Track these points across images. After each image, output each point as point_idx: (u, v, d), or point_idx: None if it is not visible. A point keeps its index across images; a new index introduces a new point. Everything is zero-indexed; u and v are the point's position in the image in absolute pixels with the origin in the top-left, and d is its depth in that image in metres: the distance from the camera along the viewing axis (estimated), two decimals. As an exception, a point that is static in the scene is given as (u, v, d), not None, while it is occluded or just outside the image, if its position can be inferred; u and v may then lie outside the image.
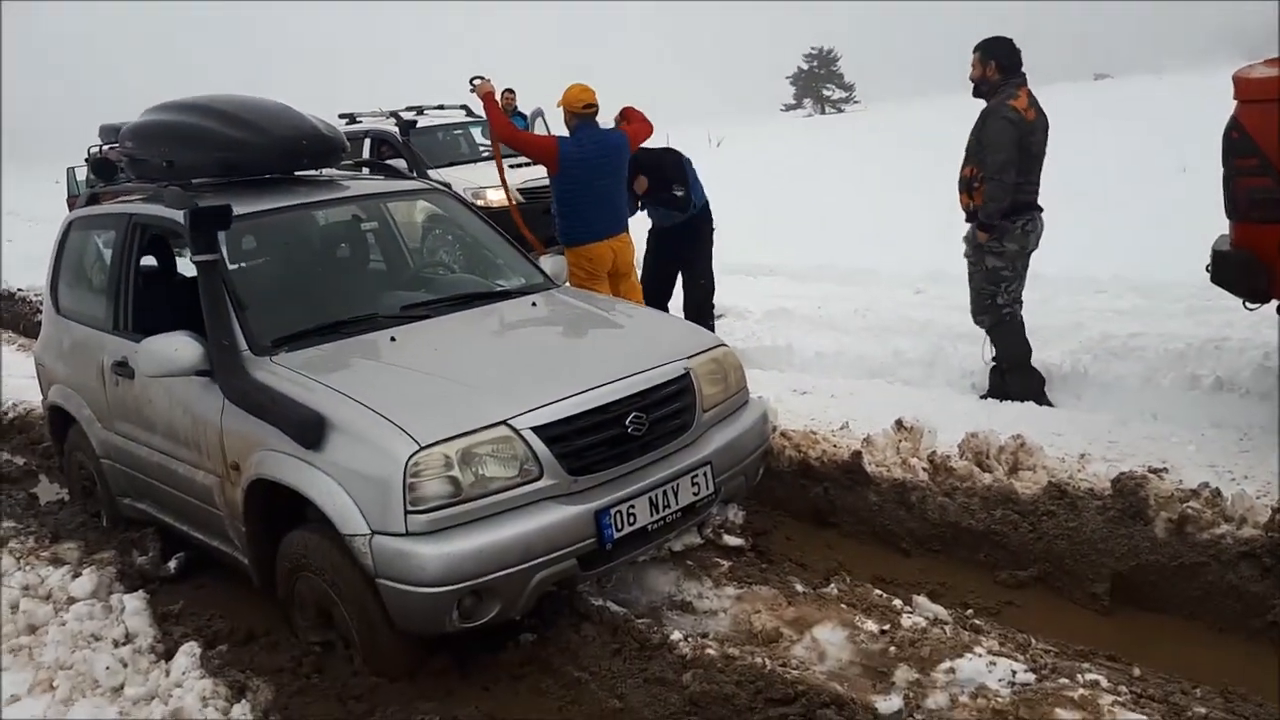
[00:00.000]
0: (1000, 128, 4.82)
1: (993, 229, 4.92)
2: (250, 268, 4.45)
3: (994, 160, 4.82)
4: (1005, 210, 4.88)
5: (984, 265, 5.04)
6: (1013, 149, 4.80)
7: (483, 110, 5.86)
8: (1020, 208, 4.94)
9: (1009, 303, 5.07)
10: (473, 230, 4.82)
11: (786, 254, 9.83)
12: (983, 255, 5.03)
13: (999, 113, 4.85)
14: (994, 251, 4.99)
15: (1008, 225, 4.92)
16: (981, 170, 4.90)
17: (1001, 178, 4.81)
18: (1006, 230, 4.93)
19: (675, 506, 3.31)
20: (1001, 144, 4.80)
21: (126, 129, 4.49)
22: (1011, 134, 4.80)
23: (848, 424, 4.67)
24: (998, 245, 4.97)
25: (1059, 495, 3.65)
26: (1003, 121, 4.82)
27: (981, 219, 4.94)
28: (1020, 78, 4.95)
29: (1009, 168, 4.80)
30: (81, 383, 4.50)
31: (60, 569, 3.86)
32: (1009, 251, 4.98)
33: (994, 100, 4.93)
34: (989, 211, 4.88)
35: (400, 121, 10.47)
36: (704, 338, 3.94)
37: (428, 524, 2.88)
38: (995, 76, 4.95)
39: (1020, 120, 4.82)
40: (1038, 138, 4.92)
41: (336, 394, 3.18)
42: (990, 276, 5.04)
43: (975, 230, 5.02)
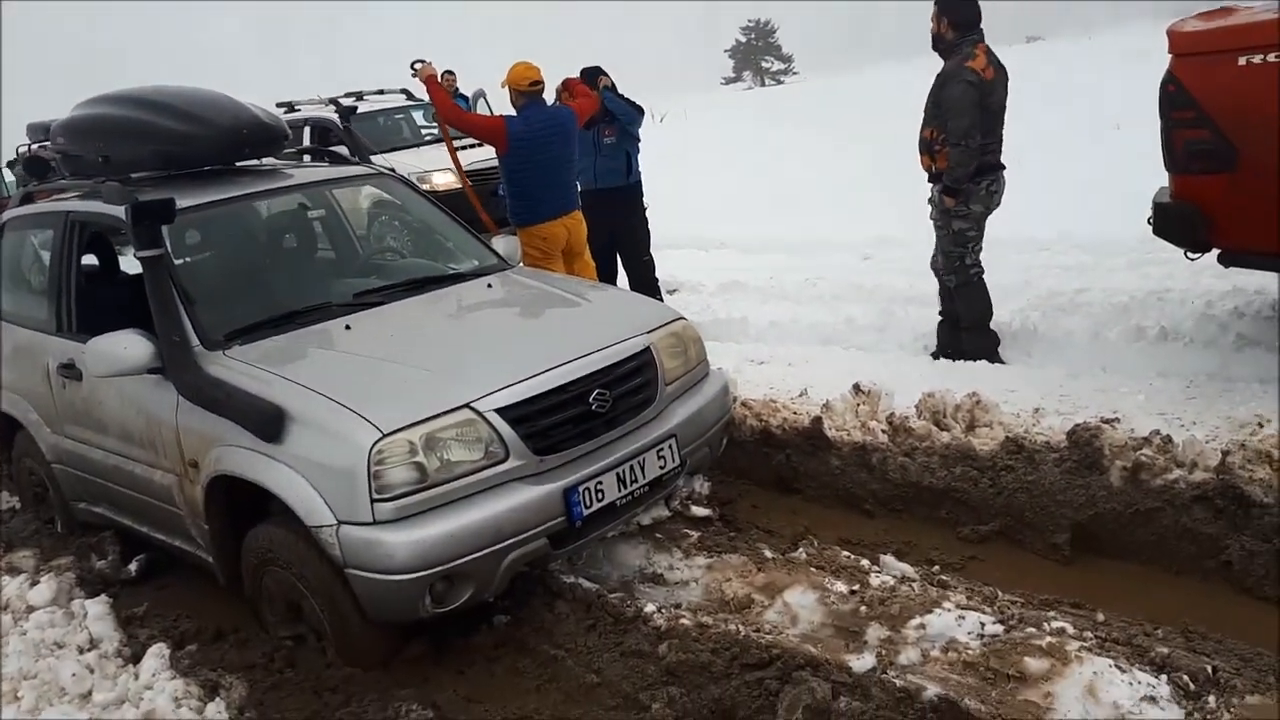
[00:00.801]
0: (960, 91, 4.79)
1: (959, 193, 4.93)
2: (196, 261, 4.35)
3: (956, 125, 4.80)
4: (971, 172, 4.90)
5: (950, 228, 5.07)
6: (974, 111, 4.78)
7: (425, 94, 5.77)
8: (984, 169, 4.95)
9: (976, 262, 5.13)
10: (421, 214, 4.77)
11: (736, 227, 9.87)
12: (949, 219, 5.05)
13: (958, 75, 4.82)
14: (960, 215, 5.01)
15: (972, 188, 4.94)
16: (943, 133, 4.90)
17: (966, 143, 4.80)
18: (972, 193, 4.95)
19: (642, 481, 3.32)
20: (963, 108, 4.77)
21: (57, 125, 4.35)
22: (972, 96, 4.78)
23: (806, 391, 4.71)
24: (963, 209, 4.99)
25: (1016, 450, 3.72)
26: (963, 85, 4.79)
27: (948, 183, 4.94)
28: (978, 34, 4.91)
29: (973, 132, 4.79)
30: (26, 387, 4.38)
31: (17, 578, 3.78)
32: (974, 213, 5.02)
33: (951, 61, 4.90)
34: (956, 177, 4.88)
35: (340, 108, 10.32)
36: (663, 311, 3.95)
37: (394, 511, 2.86)
38: (950, 34, 4.92)
39: (980, 81, 4.80)
40: (998, 96, 4.91)
41: (294, 385, 3.14)
42: (957, 239, 5.08)
43: (941, 195, 5.03)
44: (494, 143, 5.54)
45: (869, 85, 26.65)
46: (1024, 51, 24.03)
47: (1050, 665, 2.64)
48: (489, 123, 5.69)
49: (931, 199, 5.17)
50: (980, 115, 4.82)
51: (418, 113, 11.42)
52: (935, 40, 5.03)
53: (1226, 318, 4.84)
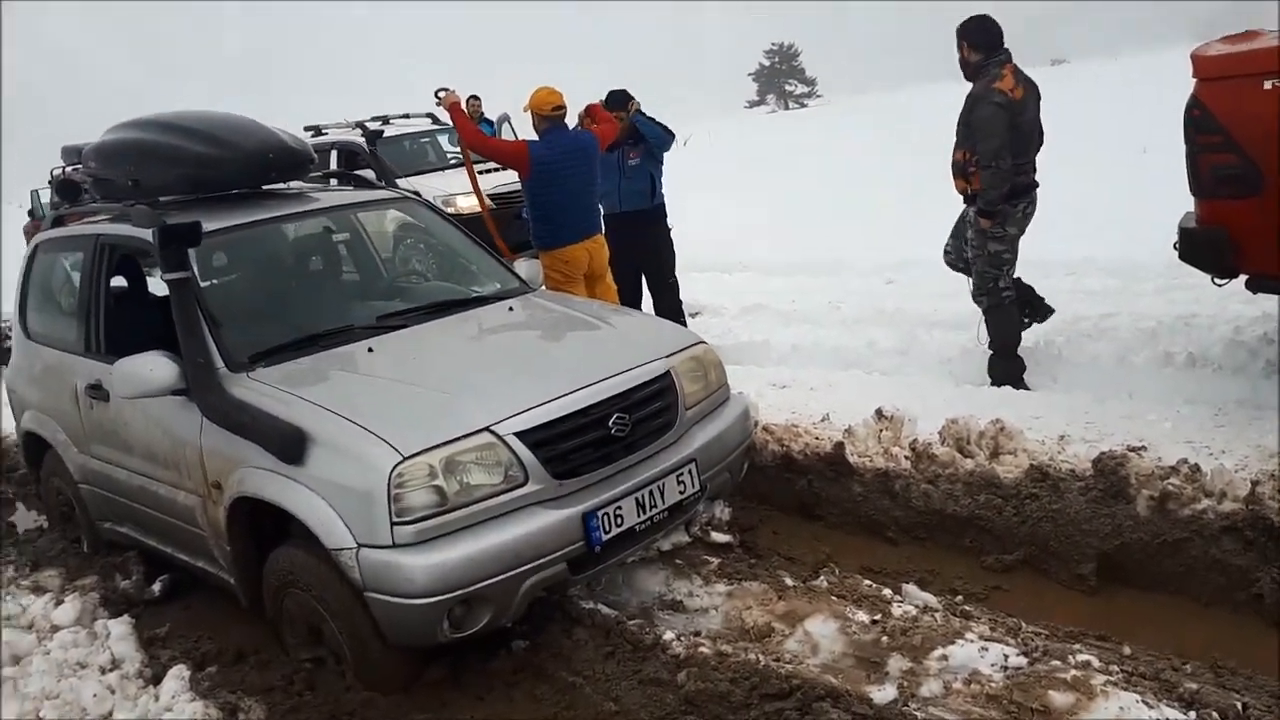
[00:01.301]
0: (990, 113, 4.81)
1: (994, 214, 4.95)
2: (223, 284, 4.40)
3: (987, 147, 4.82)
4: (1005, 194, 4.91)
5: (986, 250, 5.07)
6: (1005, 133, 4.80)
7: (449, 119, 5.83)
8: (1019, 190, 4.97)
9: (1009, 285, 5.13)
10: (445, 237, 4.80)
11: (758, 249, 9.87)
12: (985, 240, 5.06)
13: (986, 98, 4.84)
14: (995, 236, 5.03)
15: (1008, 209, 4.96)
16: (975, 155, 4.91)
17: (997, 164, 4.81)
18: (1008, 215, 4.97)
19: (662, 506, 3.30)
20: (994, 129, 4.79)
21: (89, 149, 4.43)
22: (1002, 117, 4.80)
23: (828, 416, 4.69)
24: (999, 230, 5.01)
25: (1041, 478, 3.68)
26: (991, 106, 4.81)
27: (982, 206, 4.96)
28: (1003, 54, 4.93)
29: (1004, 153, 4.80)
30: (55, 407, 4.43)
31: (42, 597, 3.81)
32: (1009, 235, 5.04)
33: (979, 83, 4.93)
34: (989, 199, 4.89)
35: (366, 132, 10.43)
36: (683, 335, 3.95)
37: (414, 535, 2.86)
38: (975, 57, 4.95)
39: (1009, 102, 4.83)
40: (1028, 115, 4.92)
41: (316, 408, 3.16)
42: (993, 260, 5.08)
43: (977, 216, 5.04)
44: (517, 167, 5.58)
45: (893, 108, 26.67)
46: (1049, 74, 23.99)
47: (1075, 699, 2.60)
48: (512, 148, 5.74)
49: (968, 220, 5.17)
50: (1011, 136, 4.84)
51: (443, 137, 11.51)
52: (963, 66, 5.07)
53: (1256, 344, 4.77)
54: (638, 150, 6.22)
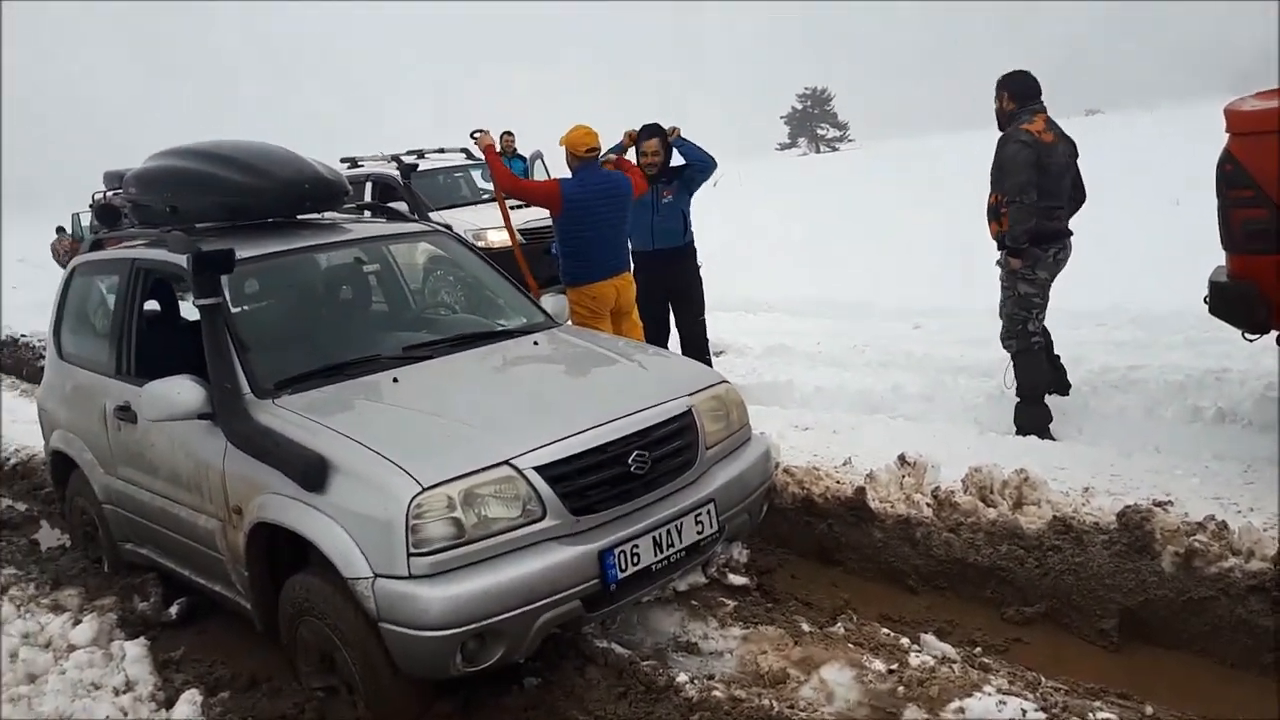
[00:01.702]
0: (1014, 151, 4.93)
1: (1024, 254, 4.97)
2: (253, 310, 4.46)
3: (1013, 183, 4.91)
4: (1035, 235, 4.94)
5: (1016, 291, 5.09)
6: (1029, 170, 4.88)
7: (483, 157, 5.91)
8: (1051, 235, 5.01)
9: (1037, 330, 5.13)
10: (474, 270, 4.84)
11: (785, 290, 9.89)
12: (1016, 282, 5.08)
13: (1012, 137, 4.96)
14: (1026, 278, 5.05)
15: (1040, 253, 4.98)
16: (1005, 196, 4.98)
17: (1022, 199, 4.88)
18: (1039, 258, 5.00)
19: (679, 546, 3.28)
20: (1017, 165, 4.89)
21: (130, 175, 4.52)
22: (1026, 155, 4.88)
23: (850, 460, 4.66)
24: (1030, 272, 5.03)
25: (1064, 530, 3.63)
26: (1016, 145, 4.93)
27: (1009, 243, 5.00)
28: (1038, 105, 5.05)
29: (1029, 188, 4.88)
30: (84, 427, 4.49)
31: (61, 616, 3.84)
32: (1040, 279, 5.05)
33: (1009, 128, 5.04)
34: (1015, 235, 4.94)
35: (401, 165, 10.56)
36: (705, 374, 3.95)
37: (430, 566, 2.86)
38: (1011, 107, 5.08)
39: (1034, 141, 4.91)
40: (1057, 160, 4.98)
41: (339, 436, 3.18)
42: (1022, 303, 5.09)
43: (1007, 257, 5.07)
44: (549, 206, 5.62)
45: (925, 154, 26.70)
46: (1083, 124, 23.97)
47: (1095, 758, 2.54)
48: (543, 187, 5.79)
49: (999, 262, 5.20)
50: (1038, 176, 4.90)
51: (476, 172, 11.67)
52: (999, 115, 5.17)
53: (1288, 401, 4.71)
54: (672, 188, 6.26)
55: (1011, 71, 5.19)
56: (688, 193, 6.33)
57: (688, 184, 6.30)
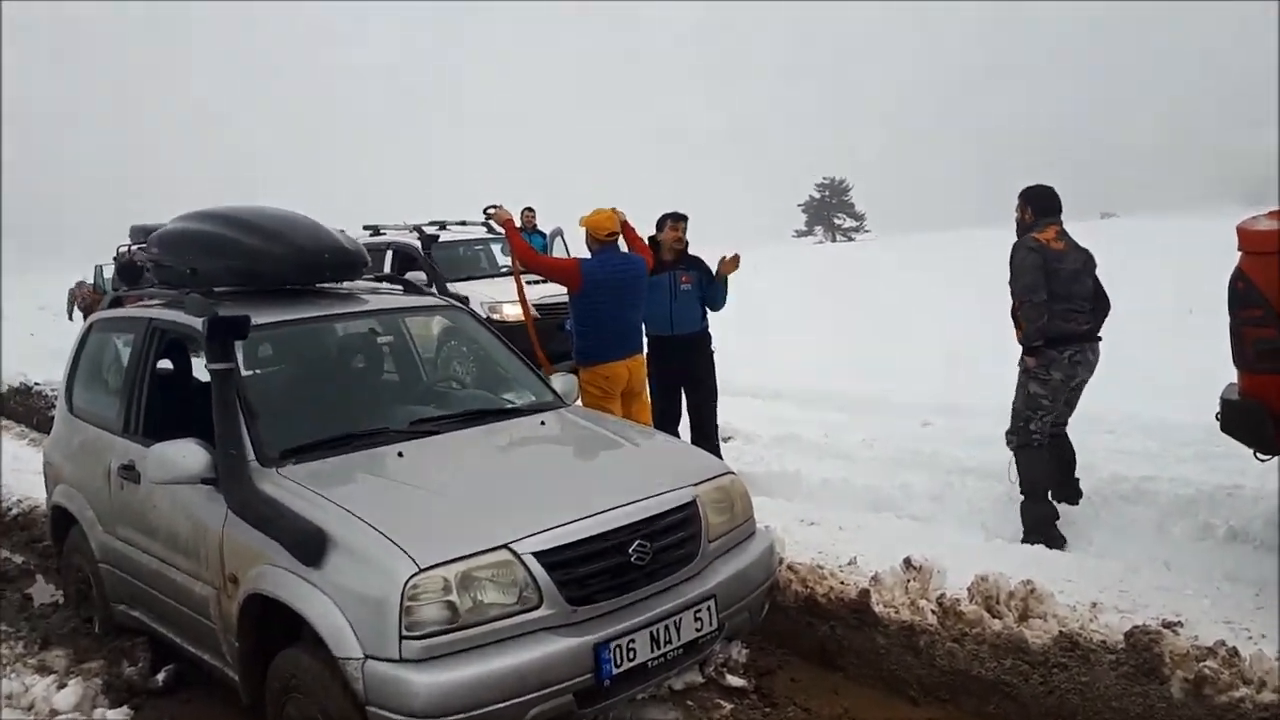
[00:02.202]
0: (1021, 256, 5.09)
1: (1038, 353, 5.05)
2: (265, 375, 4.49)
3: (1021, 285, 5.06)
4: (1049, 336, 5.02)
5: (1026, 389, 5.16)
6: (1035, 272, 5.01)
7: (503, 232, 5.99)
8: (1067, 337, 5.07)
9: (1040, 430, 5.14)
10: (486, 345, 4.87)
11: (796, 378, 9.87)
12: (1028, 379, 5.15)
13: (1022, 244, 5.13)
14: (1039, 378, 5.10)
15: (1053, 354, 5.06)
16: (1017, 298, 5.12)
17: (1030, 298, 5.01)
18: (1053, 359, 5.06)
19: (677, 642, 3.22)
20: (1024, 268, 5.05)
21: (155, 235, 4.58)
22: (1033, 259, 5.04)
23: (855, 559, 4.58)
24: (1044, 373, 5.09)
25: (1071, 647, 3.55)
26: (1024, 250, 5.09)
27: (1023, 342, 5.11)
28: (1054, 219, 5.21)
29: (1035, 289, 5.00)
30: (87, 484, 4.48)
31: (46, 678, 3.78)
32: (1053, 380, 5.09)
33: (1022, 236, 5.19)
34: (1027, 334, 5.06)
35: (423, 236, 10.72)
36: (711, 464, 3.92)
37: (421, 650, 2.81)
38: (1030, 219, 5.23)
39: (1042, 248, 5.06)
40: (1068, 265, 5.09)
41: (339, 509, 3.16)
42: (1030, 401, 5.13)
43: (1023, 355, 5.17)
44: (567, 284, 5.68)
45: (941, 248, 26.95)
46: (1096, 227, 24.21)
47: None
48: (563, 265, 5.86)
49: (1019, 362, 5.25)
50: (1047, 279, 5.01)
51: (496, 246, 11.79)
52: (1018, 225, 5.31)
53: (1301, 523, 4.64)
54: (690, 275, 6.31)
55: (1035, 185, 5.34)
56: (703, 289, 6.35)
57: (707, 288, 6.31)
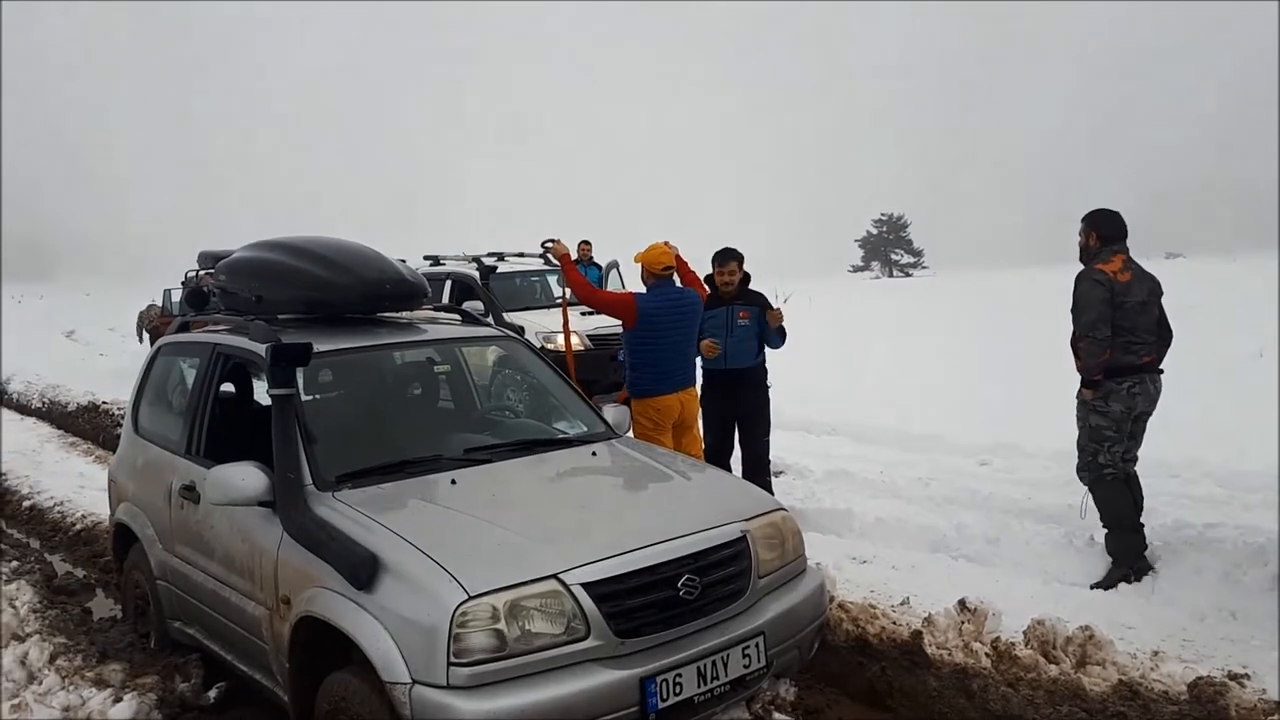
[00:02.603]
0: (1086, 288, 5.00)
1: (1096, 385, 4.99)
2: (324, 401, 4.57)
3: (1084, 320, 4.98)
4: (1109, 369, 4.96)
5: (1088, 423, 5.09)
6: (1101, 307, 4.93)
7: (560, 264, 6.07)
8: (1127, 369, 5.00)
9: (1110, 462, 5.05)
10: (540, 375, 4.92)
11: (850, 414, 9.77)
12: (1087, 413, 5.09)
13: (1087, 275, 5.03)
14: (1098, 410, 5.04)
15: (1112, 385, 4.99)
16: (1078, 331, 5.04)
17: (1093, 334, 4.94)
18: (1112, 390, 5.00)
19: (724, 679, 3.19)
20: (1089, 303, 4.96)
21: (223, 263, 4.72)
22: (1099, 293, 4.94)
23: (908, 600, 4.52)
24: (1102, 404, 5.02)
25: (1130, 695, 3.45)
26: (1089, 283, 5.00)
27: (1081, 376, 5.05)
28: (1120, 246, 5.09)
29: (1099, 325, 4.93)
30: (149, 503, 4.59)
31: (103, 691, 3.85)
32: (1113, 411, 5.02)
33: (1087, 266, 5.09)
34: (1087, 367, 4.99)
35: (481, 267, 10.90)
36: (763, 500, 3.89)
37: (469, 678, 2.82)
38: (1095, 244, 5.14)
39: (1108, 280, 4.96)
40: (1134, 297, 5.00)
41: (392, 535, 3.19)
42: (1094, 434, 5.06)
43: (1081, 388, 5.10)
44: (623, 318, 5.72)
45: (999, 288, 26.58)
46: (1162, 266, 23.70)
47: None
48: (619, 299, 5.90)
49: (1077, 393, 5.18)
50: (1113, 312, 4.93)
51: (552, 278, 11.92)
52: (1082, 250, 5.22)
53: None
54: (748, 311, 6.30)
55: (1101, 209, 5.23)
56: (760, 325, 6.30)
57: (764, 326, 6.27)
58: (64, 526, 7.25)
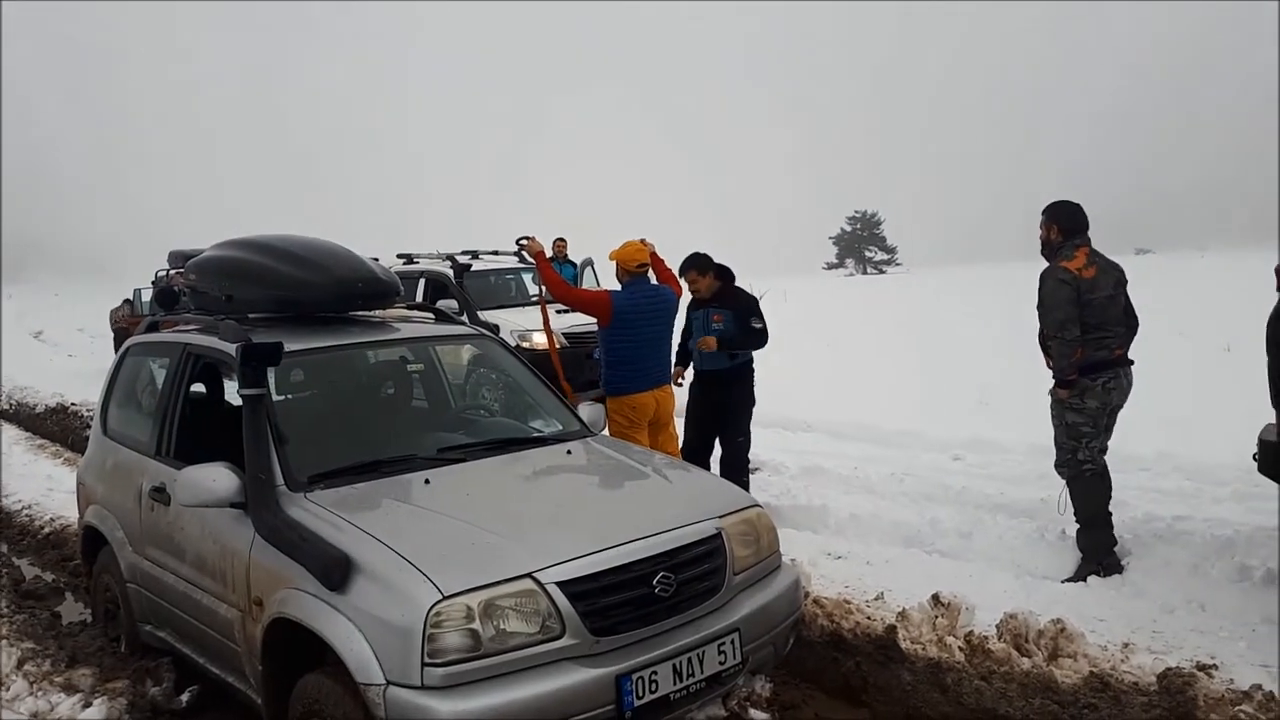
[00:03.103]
0: (1052, 288, 4.99)
1: (1070, 385, 5.00)
2: (295, 401, 4.53)
3: (1052, 319, 4.98)
4: (1083, 366, 4.98)
5: (1064, 420, 5.11)
6: (1068, 306, 4.93)
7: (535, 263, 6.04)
8: (1099, 364, 5.01)
9: (1090, 458, 5.08)
10: (515, 374, 4.89)
11: (825, 410, 9.80)
12: (1063, 411, 5.11)
13: (1053, 275, 5.01)
14: (1074, 408, 5.06)
15: (1086, 382, 5.01)
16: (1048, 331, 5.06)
17: (1062, 335, 4.95)
18: (1087, 387, 5.02)
19: (700, 675, 3.20)
20: (1056, 302, 4.95)
21: (192, 262, 4.67)
22: (1065, 293, 4.93)
23: (882, 594, 4.55)
24: (1078, 402, 5.05)
25: (1101, 687, 3.49)
26: (1054, 282, 4.98)
27: (1055, 376, 5.05)
28: (1083, 239, 5.08)
29: (1068, 325, 4.93)
30: (118, 505, 4.54)
31: (72, 697, 3.80)
32: (1089, 408, 5.04)
33: (1051, 263, 5.09)
34: (1060, 368, 5.00)
35: (455, 265, 10.84)
36: (737, 496, 3.90)
37: (443, 678, 2.81)
38: (1057, 238, 5.12)
39: (1073, 279, 4.94)
40: (1100, 294, 4.99)
41: (365, 535, 3.17)
42: (1071, 431, 5.09)
43: (1054, 389, 5.11)
44: (598, 315, 5.71)
45: (974, 283, 26.78)
46: (1132, 263, 23.93)
47: None
48: (594, 297, 5.89)
49: (1050, 391, 5.20)
50: (1081, 310, 4.93)
51: (527, 276, 11.89)
52: (1044, 244, 5.21)
53: (1341, 566, 4.53)
54: (722, 314, 6.29)
55: (1061, 202, 5.19)
56: (735, 323, 6.27)
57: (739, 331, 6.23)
58: (32, 530, 7.15)
